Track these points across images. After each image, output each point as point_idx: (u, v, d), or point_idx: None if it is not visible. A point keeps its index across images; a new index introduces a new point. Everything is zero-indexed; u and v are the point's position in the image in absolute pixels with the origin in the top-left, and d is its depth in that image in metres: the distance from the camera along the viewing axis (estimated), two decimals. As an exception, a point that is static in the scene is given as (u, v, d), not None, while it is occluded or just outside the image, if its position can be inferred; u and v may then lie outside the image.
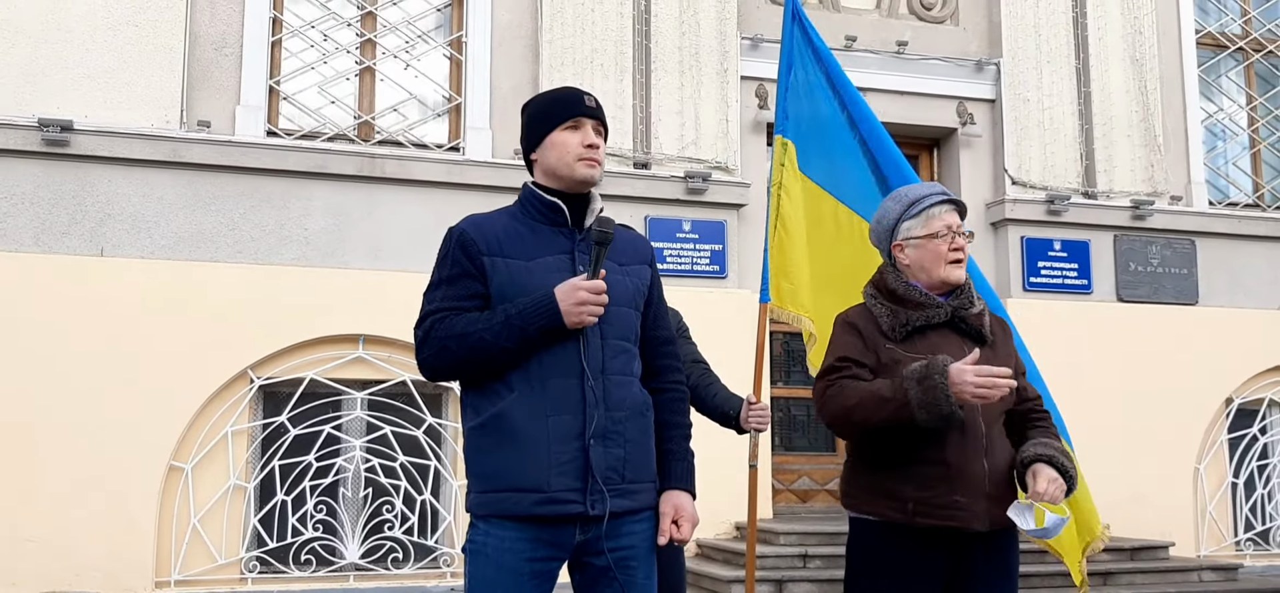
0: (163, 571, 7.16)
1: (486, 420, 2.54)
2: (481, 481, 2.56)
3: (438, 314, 2.56)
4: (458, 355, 2.52)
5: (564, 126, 2.66)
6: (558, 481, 2.48)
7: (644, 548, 2.62)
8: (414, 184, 7.89)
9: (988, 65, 9.32)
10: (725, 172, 8.50)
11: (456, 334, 2.51)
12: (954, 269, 2.99)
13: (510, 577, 2.49)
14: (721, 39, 8.66)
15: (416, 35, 8.34)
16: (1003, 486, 2.92)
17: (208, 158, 7.49)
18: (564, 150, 2.64)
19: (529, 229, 2.63)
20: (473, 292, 2.56)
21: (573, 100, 2.70)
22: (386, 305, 7.53)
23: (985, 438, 2.89)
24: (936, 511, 2.87)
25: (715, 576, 7.11)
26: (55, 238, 7.21)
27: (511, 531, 2.50)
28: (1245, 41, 10.21)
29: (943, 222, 3.02)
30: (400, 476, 7.68)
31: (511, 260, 2.57)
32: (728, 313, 8.00)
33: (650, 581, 2.64)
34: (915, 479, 2.88)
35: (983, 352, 2.96)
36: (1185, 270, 9.49)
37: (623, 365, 2.61)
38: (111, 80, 7.41)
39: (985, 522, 2.87)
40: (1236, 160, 10.18)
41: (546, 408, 2.50)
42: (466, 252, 2.58)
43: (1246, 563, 9.01)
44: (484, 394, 2.56)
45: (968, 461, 2.87)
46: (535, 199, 2.67)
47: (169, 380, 7.17)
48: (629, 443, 2.57)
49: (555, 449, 2.49)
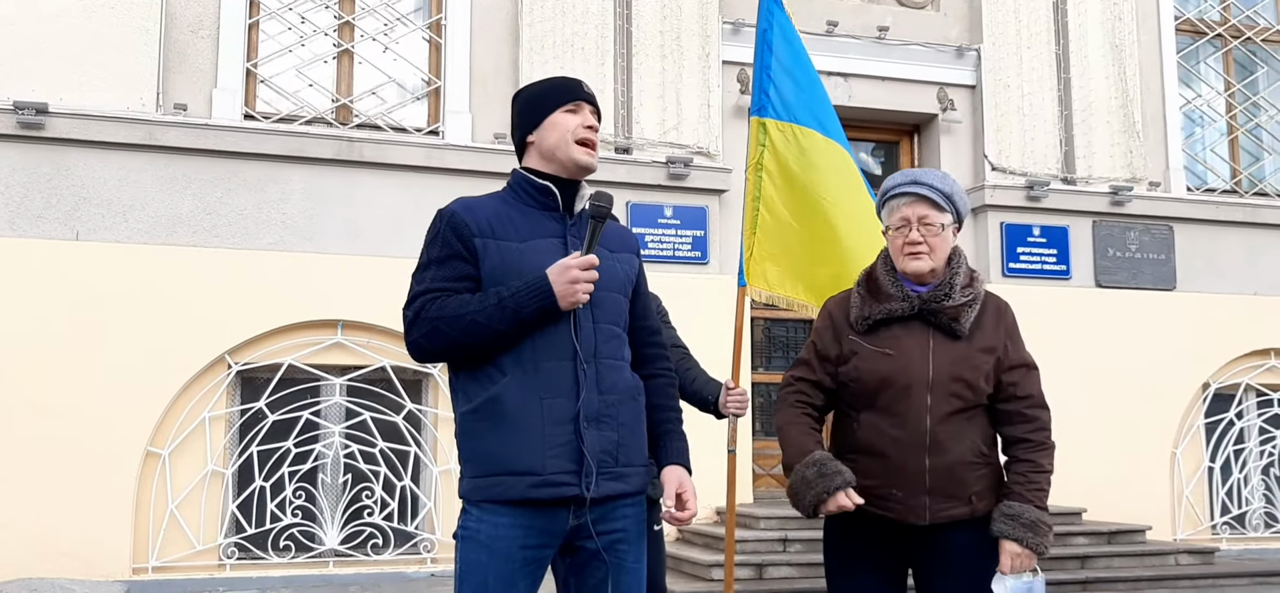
0: (140, 557, 7.12)
1: (479, 405, 2.52)
2: (475, 465, 2.54)
3: (429, 295, 2.53)
4: (449, 337, 2.50)
5: (564, 109, 2.66)
6: (553, 463, 2.47)
7: (634, 531, 2.63)
8: (393, 168, 7.84)
9: (968, 51, 9.33)
10: (707, 157, 8.49)
11: (448, 315, 2.49)
12: (909, 261, 2.97)
13: (503, 563, 2.48)
14: (703, 23, 8.64)
15: (395, 18, 8.28)
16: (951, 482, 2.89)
17: (184, 141, 7.42)
18: (564, 131, 2.64)
19: (520, 213, 2.61)
20: (464, 273, 2.54)
21: (572, 85, 2.72)
22: (365, 290, 7.50)
23: (928, 436, 2.88)
24: (876, 501, 2.90)
25: (695, 560, 7.12)
26: (30, 222, 7.14)
27: (505, 517, 2.49)
28: (1223, 28, 10.26)
29: (899, 215, 3.01)
30: (380, 461, 7.66)
31: (503, 242, 2.55)
32: (709, 298, 7.99)
33: (639, 564, 2.64)
34: (861, 470, 2.92)
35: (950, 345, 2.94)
36: (1163, 256, 9.55)
37: (614, 350, 2.61)
38: (87, 62, 7.33)
39: (926, 516, 2.89)
40: (1214, 147, 10.23)
41: (540, 391, 2.49)
42: (458, 233, 2.55)
43: (1222, 547, 9.09)
44: (476, 379, 2.55)
45: (906, 457, 2.88)
46: (526, 183, 2.66)
47: (146, 365, 7.12)
48: (622, 426, 2.58)
49: (550, 432, 2.48)
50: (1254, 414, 9.78)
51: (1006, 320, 3.04)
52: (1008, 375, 2.98)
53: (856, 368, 2.96)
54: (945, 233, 3.00)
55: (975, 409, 2.96)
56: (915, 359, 2.92)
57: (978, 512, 2.93)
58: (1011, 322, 3.06)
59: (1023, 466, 2.95)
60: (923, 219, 2.98)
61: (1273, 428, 9.78)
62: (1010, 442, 2.99)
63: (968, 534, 2.94)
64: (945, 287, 2.98)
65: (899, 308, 2.97)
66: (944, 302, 2.96)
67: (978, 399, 2.95)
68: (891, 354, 2.93)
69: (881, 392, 2.93)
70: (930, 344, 2.93)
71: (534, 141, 2.68)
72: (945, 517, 2.90)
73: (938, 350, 2.93)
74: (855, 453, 2.95)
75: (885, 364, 2.93)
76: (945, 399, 2.90)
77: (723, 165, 8.52)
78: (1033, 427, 2.98)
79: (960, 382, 2.91)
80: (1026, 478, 2.93)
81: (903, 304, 2.97)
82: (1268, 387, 9.77)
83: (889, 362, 2.93)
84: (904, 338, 2.95)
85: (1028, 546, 2.87)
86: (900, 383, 2.91)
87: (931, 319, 2.96)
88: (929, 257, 2.97)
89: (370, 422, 7.66)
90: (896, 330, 2.96)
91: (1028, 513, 2.88)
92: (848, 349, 2.98)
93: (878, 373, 2.93)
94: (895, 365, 2.92)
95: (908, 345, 2.93)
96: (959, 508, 2.91)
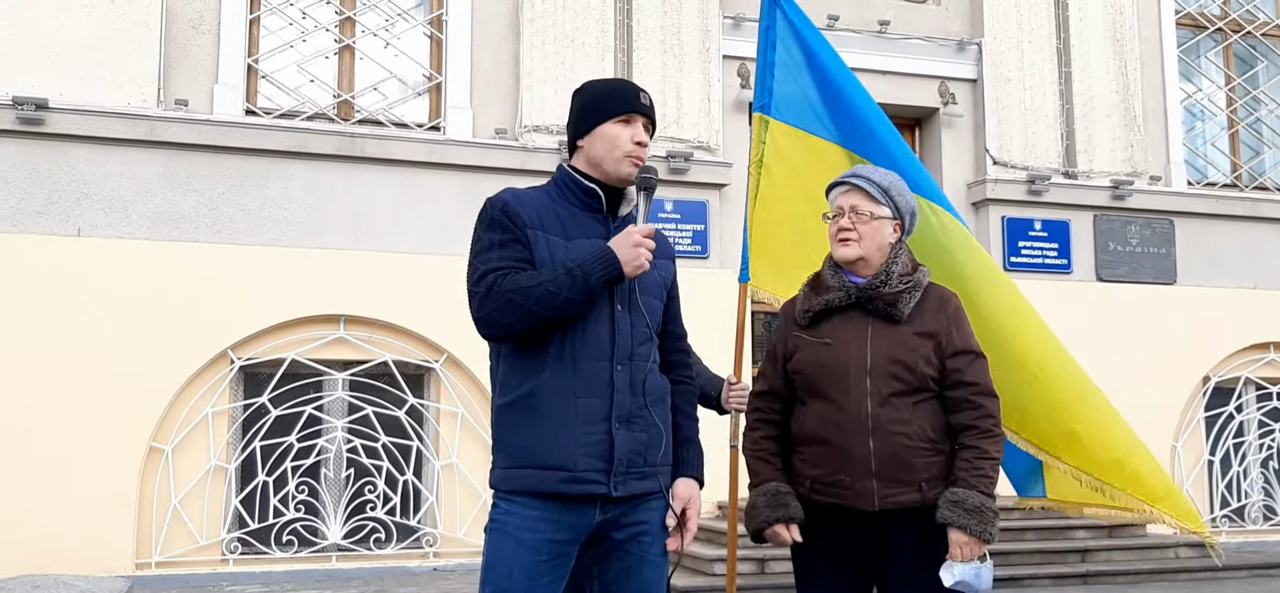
0: (143, 552, 7.13)
1: (516, 398, 2.58)
2: (508, 456, 2.60)
3: (499, 271, 2.56)
4: (524, 308, 2.51)
5: (617, 120, 2.67)
6: (584, 461, 2.52)
7: (657, 525, 2.69)
8: (394, 163, 7.84)
9: (969, 45, 9.33)
10: (707, 151, 8.49)
11: (522, 287, 2.52)
12: (839, 247, 3.09)
13: (530, 554, 2.53)
14: (703, 18, 8.64)
15: (396, 13, 8.28)
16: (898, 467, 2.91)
17: (185, 137, 7.43)
18: (614, 144, 2.65)
19: (566, 211, 2.66)
20: (524, 257, 2.58)
21: (630, 94, 2.71)
22: (367, 285, 7.51)
23: (870, 419, 2.92)
24: (826, 489, 2.97)
25: (697, 554, 7.14)
26: (31, 218, 7.14)
27: (535, 509, 2.54)
28: (1224, 22, 10.26)
29: (836, 204, 3.14)
30: (382, 456, 7.67)
31: (551, 237, 2.60)
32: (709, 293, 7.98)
33: (662, 559, 2.71)
34: (810, 459, 3.01)
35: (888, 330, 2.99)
36: (1164, 250, 9.56)
37: (648, 352, 2.67)
38: (87, 58, 7.33)
39: (874, 502, 2.92)
40: (1215, 141, 10.24)
41: (576, 389, 2.55)
42: (512, 219, 2.60)
43: (1222, 540, 9.11)
44: (515, 371, 2.60)
45: (849, 441, 2.93)
46: (573, 183, 2.70)
47: (148, 362, 7.13)
48: (652, 428, 2.63)
49: (582, 430, 2.53)
50: (1254, 408, 9.79)
51: (950, 308, 3.07)
52: (952, 361, 3.00)
53: (799, 360, 3.06)
54: (877, 223, 3.06)
55: (921, 394, 2.97)
56: (852, 345, 2.99)
57: (928, 500, 2.93)
58: (957, 310, 3.09)
59: (969, 452, 2.96)
60: (854, 208, 3.07)
61: (1272, 422, 9.80)
62: (957, 429, 3.00)
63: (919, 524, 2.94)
64: (882, 275, 3.05)
65: (837, 298, 3.05)
66: (880, 289, 3.03)
67: (919, 383, 2.96)
68: (830, 343, 3.02)
69: (820, 380, 3.00)
70: (868, 331, 3.00)
71: (583, 146, 2.70)
72: (894, 503, 2.91)
73: (875, 336, 2.99)
74: (804, 443, 3.04)
75: (824, 353, 3.01)
76: (885, 381, 2.94)
77: (723, 160, 8.53)
78: (979, 414, 2.98)
79: (898, 364, 2.95)
80: (971, 464, 2.94)
81: (840, 294, 3.05)
82: (1267, 380, 9.78)
83: (827, 350, 3.01)
84: (842, 328, 3.03)
85: (973, 532, 2.87)
86: (838, 369, 2.97)
87: (868, 307, 3.04)
88: (857, 244, 3.04)
89: (372, 416, 7.67)
90: (836, 321, 3.05)
91: (972, 499, 2.88)
92: (793, 344, 3.09)
93: (817, 362, 3.01)
94: (833, 353, 3.00)
95: (845, 334, 3.01)
96: (908, 494, 2.92)
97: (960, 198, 9.26)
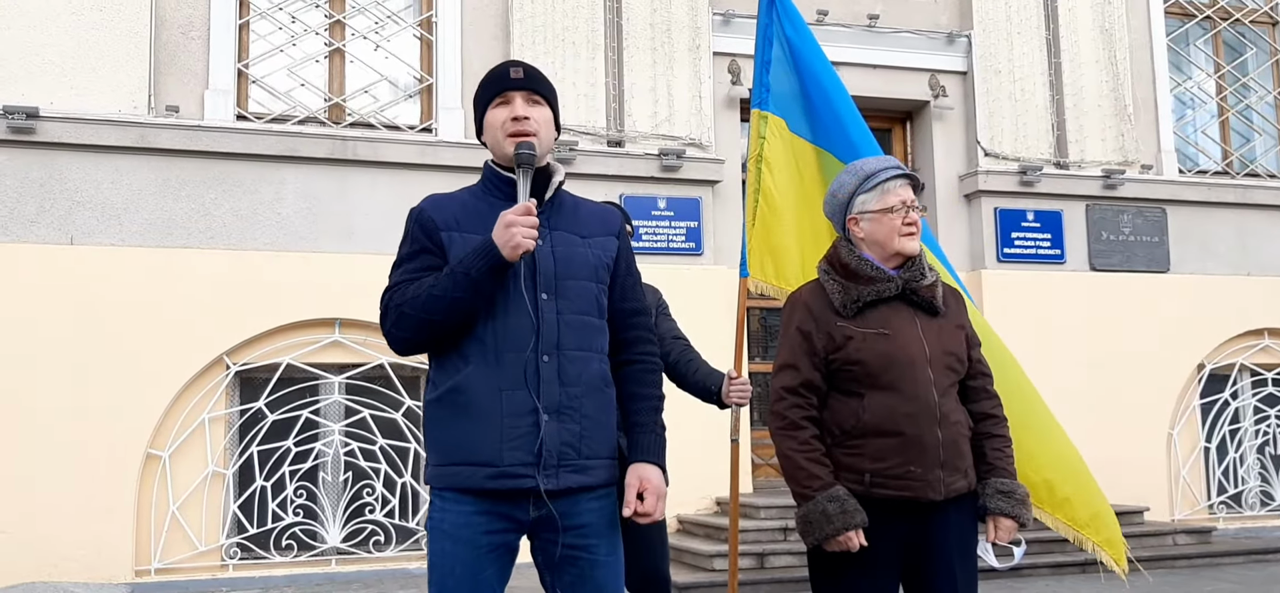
0: (142, 559, 7.11)
1: (443, 393, 2.54)
2: (438, 453, 2.57)
3: (396, 286, 2.58)
4: (414, 318, 2.51)
5: (494, 105, 2.67)
6: (510, 455, 2.47)
7: (603, 524, 2.60)
8: (386, 166, 7.84)
9: (959, 38, 9.35)
10: (699, 148, 8.49)
11: (409, 297, 2.52)
12: (907, 242, 3.05)
13: (468, 551, 2.50)
14: (693, 14, 8.64)
15: (386, 16, 8.27)
16: (955, 455, 2.98)
17: (177, 143, 7.41)
18: (494, 130, 2.65)
19: (488, 206, 2.61)
20: (431, 266, 2.55)
21: (497, 77, 2.68)
22: (361, 288, 7.49)
23: (938, 408, 2.95)
24: (892, 481, 2.93)
25: (697, 551, 7.14)
26: (23, 226, 7.12)
27: (468, 504, 2.51)
28: (1213, 10, 10.29)
29: (897, 196, 3.07)
30: (380, 459, 7.66)
31: (468, 234, 2.56)
32: (704, 289, 8.02)
33: (613, 556, 2.62)
34: (871, 452, 2.94)
35: (933, 322, 3.05)
36: (1156, 238, 9.59)
37: (581, 341, 2.58)
38: (77, 66, 7.31)
39: (941, 491, 2.94)
40: (1205, 129, 10.27)
41: (501, 382, 2.49)
42: (424, 228, 2.59)
43: (1219, 526, 9.14)
44: (442, 368, 2.57)
45: (922, 431, 2.93)
46: (493, 176, 2.68)
47: (144, 368, 7.11)
48: (585, 419, 2.55)
49: (508, 423, 2.48)
50: (1248, 394, 9.83)
51: (961, 301, 3.23)
52: (974, 353, 3.14)
53: (856, 351, 2.98)
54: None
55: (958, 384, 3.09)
56: (911, 337, 3.00)
57: (971, 485, 3.03)
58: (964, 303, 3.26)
59: (997, 439, 3.09)
60: (913, 203, 3.08)
61: (1267, 407, 9.83)
62: (979, 417, 3.10)
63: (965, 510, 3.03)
64: (918, 268, 3.07)
65: (886, 289, 3.03)
66: (920, 281, 3.06)
67: (963, 373, 3.08)
68: (888, 333, 2.99)
69: (887, 371, 2.95)
70: (918, 322, 3.03)
71: (485, 141, 2.73)
72: (954, 491, 2.97)
73: (925, 327, 3.03)
74: (865, 436, 2.96)
75: (885, 343, 2.97)
76: (943, 373, 2.99)
77: (715, 156, 8.53)
78: (996, 402, 3.15)
79: (951, 355, 3.03)
80: (1002, 452, 3.08)
81: (888, 285, 3.03)
82: (1262, 366, 9.82)
83: (888, 341, 2.97)
84: (893, 318, 3.02)
85: (1021, 520, 3.03)
86: (904, 359, 2.96)
87: (911, 298, 3.05)
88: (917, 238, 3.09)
89: (369, 419, 7.67)
90: (883, 311, 3.02)
91: (1019, 490, 3.04)
92: (841, 336, 2.99)
93: (881, 353, 2.96)
94: (895, 344, 2.97)
95: (899, 324, 3.01)
96: (960, 481, 2.98)
97: (953, 190, 9.29)
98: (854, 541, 2.89)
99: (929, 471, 2.92)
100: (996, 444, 3.08)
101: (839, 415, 3.01)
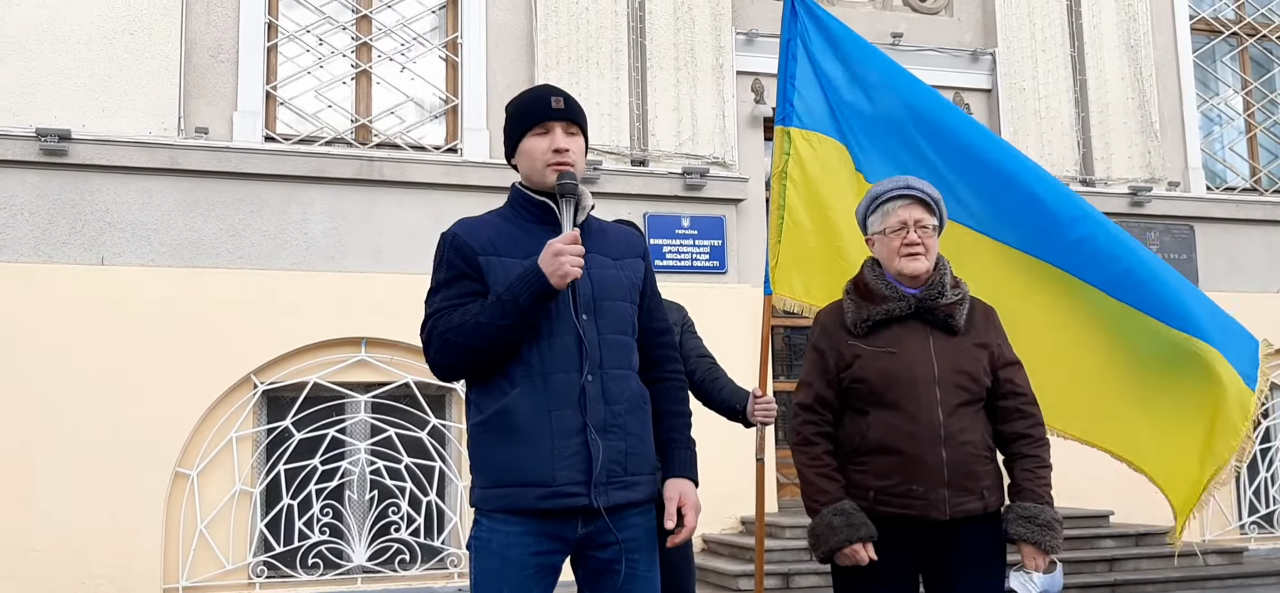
0: (170, 577, 7.16)
1: (490, 417, 2.57)
2: (486, 476, 2.59)
3: (439, 314, 2.59)
4: (461, 346, 2.54)
5: (533, 133, 2.68)
6: (562, 474, 2.51)
7: (645, 539, 2.65)
8: (412, 186, 7.89)
9: (983, 55, 9.33)
10: (723, 167, 8.51)
11: (455, 325, 2.54)
12: (908, 262, 3.04)
13: (515, 570, 2.53)
14: (716, 34, 8.67)
15: (412, 38, 8.34)
16: (966, 475, 2.95)
17: (206, 164, 7.49)
18: (533, 158, 2.67)
19: (521, 229, 2.65)
20: (472, 291, 2.58)
21: (539, 105, 2.70)
22: (387, 307, 7.54)
23: (942, 429, 2.93)
24: (895, 499, 2.95)
25: (722, 570, 7.12)
26: (55, 247, 7.21)
27: (516, 525, 2.53)
28: (1239, 26, 10.23)
29: (897, 217, 3.08)
30: (405, 477, 7.69)
31: (506, 258, 2.59)
32: (728, 308, 8.00)
33: (652, 571, 2.66)
34: (874, 470, 2.97)
35: (949, 341, 3.02)
36: (1184, 256, 9.51)
37: (620, 359, 2.63)
38: (108, 89, 7.41)
39: (945, 511, 2.93)
40: (1233, 145, 10.20)
41: (549, 404, 2.53)
42: (461, 253, 2.60)
43: (1251, 546, 9.02)
44: (487, 392, 2.59)
45: (923, 451, 2.93)
46: (524, 199, 2.70)
47: (172, 387, 7.17)
48: (629, 435, 2.59)
49: (559, 444, 2.51)
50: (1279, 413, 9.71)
51: (995, 320, 3.17)
52: (1004, 371, 3.09)
53: (862, 369, 3.01)
54: (934, 235, 3.11)
55: (978, 404, 3.04)
56: (919, 356, 3.00)
57: (989, 507, 3.00)
58: (999, 322, 3.18)
59: (1028, 461, 3.04)
60: (918, 222, 3.07)
61: (1298, 426, 9.72)
62: (1010, 438, 3.07)
63: (981, 531, 3.00)
64: (938, 286, 3.07)
65: (897, 308, 3.04)
66: (938, 300, 3.05)
67: (980, 393, 3.03)
68: (895, 352, 3.00)
69: (889, 390, 2.98)
70: (930, 341, 3.02)
71: (517, 164, 2.74)
72: (962, 512, 2.94)
73: (938, 346, 3.02)
74: (868, 454, 3.00)
75: (890, 363, 2.99)
76: (952, 392, 2.97)
77: (739, 175, 8.54)
78: (1031, 422, 3.08)
79: (964, 374, 3.00)
80: (1034, 475, 3.02)
81: (900, 304, 3.04)
82: (1292, 384, 9.70)
83: (893, 359, 2.99)
84: (904, 336, 3.02)
85: (1045, 547, 2.95)
86: (907, 379, 2.97)
87: (928, 317, 3.04)
88: (925, 258, 3.06)
89: (395, 438, 7.70)
90: (896, 330, 3.03)
91: (1044, 514, 2.96)
92: (850, 354, 3.03)
93: (884, 371, 2.99)
94: (900, 363, 2.99)
95: (909, 343, 3.01)
96: (973, 502, 2.96)
97: (978, 208, 9.24)
98: (861, 553, 2.92)
99: (932, 490, 2.92)
100: (1027, 466, 3.03)
101: (849, 433, 3.06)
